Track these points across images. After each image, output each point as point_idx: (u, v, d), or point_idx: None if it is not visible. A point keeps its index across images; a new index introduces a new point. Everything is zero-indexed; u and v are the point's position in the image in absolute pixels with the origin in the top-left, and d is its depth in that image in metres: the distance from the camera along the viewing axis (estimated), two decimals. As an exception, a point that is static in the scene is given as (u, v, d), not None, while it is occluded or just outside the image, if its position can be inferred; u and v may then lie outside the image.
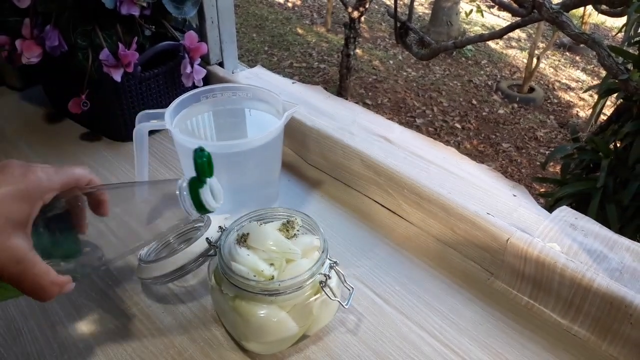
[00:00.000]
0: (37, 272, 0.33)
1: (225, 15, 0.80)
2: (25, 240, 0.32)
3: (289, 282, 0.41)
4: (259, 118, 0.61)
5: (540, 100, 3.83)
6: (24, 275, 0.32)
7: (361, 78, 3.99)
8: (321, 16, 5.14)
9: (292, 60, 4.25)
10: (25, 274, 0.32)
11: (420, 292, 0.52)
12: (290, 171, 0.71)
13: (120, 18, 0.67)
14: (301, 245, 0.44)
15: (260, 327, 0.42)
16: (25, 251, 0.32)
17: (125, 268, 0.54)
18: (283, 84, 0.82)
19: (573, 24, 1.22)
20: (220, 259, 0.43)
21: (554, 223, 0.54)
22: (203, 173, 0.36)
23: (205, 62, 0.80)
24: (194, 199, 0.37)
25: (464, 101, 3.79)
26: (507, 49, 4.80)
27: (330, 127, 0.68)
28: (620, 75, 1.19)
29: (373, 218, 0.62)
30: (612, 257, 0.50)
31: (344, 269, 0.47)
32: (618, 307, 0.44)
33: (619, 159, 1.45)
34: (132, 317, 0.49)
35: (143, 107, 0.73)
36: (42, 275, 0.33)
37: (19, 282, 0.32)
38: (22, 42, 0.65)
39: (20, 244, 0.32)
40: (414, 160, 0.64)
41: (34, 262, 0.32)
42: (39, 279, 0.33)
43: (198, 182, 0.37)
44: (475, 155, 3.18)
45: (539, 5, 1.25)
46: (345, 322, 0.49)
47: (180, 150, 0.55)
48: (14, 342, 0.46)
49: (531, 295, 0.51)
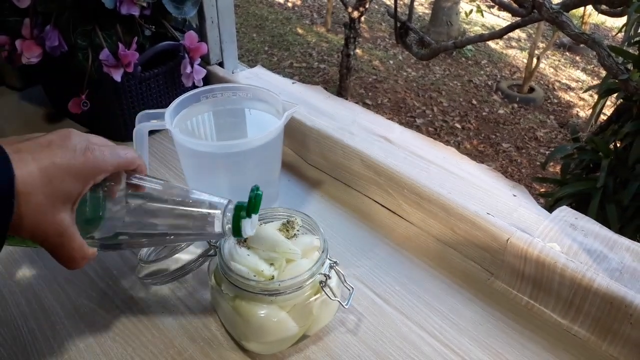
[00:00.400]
0: (73, 246, 0.34)
1: (225, 15, 0.80)
2: (70, 215, 0.34)
3: (289, 282, 0.41)
4: (259, 118, 0.61)
5: (540, 100, 3.83)
6: (61, 248, 0.34)
7: (361, 78, 3.99)
8: (321, 16, 5.14)
9: (292, 60, 4.26)
10: (63, 246, 0.34)
11: (420, 292, 0.52)
12: (290, 171, 0.71)
13: (120, 18, 0.67)
14: (301, 245, 0.44)
15: (260, 327, 0.42)
16: (68, 225, 0.33)
17: (125, 268, 0.54)
18: (283, 84, 0.82)
19: (573, 24, 1.22)
20: (220, 259, 0.43)
21: (554, 223, 0.54)
22: (253, 209, 0.40)
23: (205, 62, 0.80)
24: (235, 224, 0.40)
25: (464, 101, 3.79)
26: (507, 49, 4.80)
27: (330, 127, 0.68)
28: (620, 75, 1.19)
29: (373, 218, 0.62)
30: (612, 257, 0.50)
31: (344, 269, 0.47)
32: (618, 307, 0.44)
33: (619, 159, 1.45)
34: (132, 317, 0.49)
35: (143, 107, 0.73)
36: (77, 249, 0.35)
37: (55, 252, 0.34)
38: (22, 42, 0.65)
39: (66, 219, 0.33)
40: (414, 160, 0.64)
41: (73, 237, 0.34)
42: (74, 253, 0.35)
43: (244, 213, 0.40)
44: (475, 155, 3.18)
45: (539, 5, 1.25)
46: (345, 322, 0.49)
47: (180, 150, 0.55)
48: (14, 342, 0.46)
49: (531, 295, 0.51)
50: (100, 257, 0.55)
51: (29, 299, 0.50)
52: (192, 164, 0.56)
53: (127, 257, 0.55)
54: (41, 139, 0.33)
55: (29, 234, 0.32)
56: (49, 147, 0.33)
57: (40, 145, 0.33)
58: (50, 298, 0.50)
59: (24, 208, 0.31)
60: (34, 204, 0.31)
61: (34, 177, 0.31)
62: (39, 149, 0.32)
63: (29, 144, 0.32)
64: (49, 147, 0.33)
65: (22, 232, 0.32)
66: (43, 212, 0.32)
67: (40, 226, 0.32)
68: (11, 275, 0.53)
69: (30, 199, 0.31)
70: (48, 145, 0.33)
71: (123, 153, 0.37)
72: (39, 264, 0.54)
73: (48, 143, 0.33)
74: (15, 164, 0.30)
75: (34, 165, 0.31)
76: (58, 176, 0.32)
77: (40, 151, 0.32)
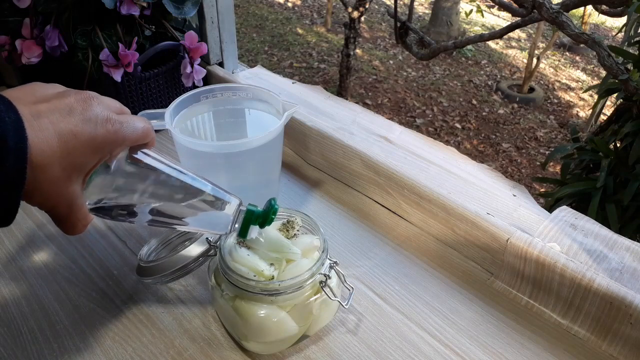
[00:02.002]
0: (79, 216, 0.34)
1: (225, 15, 0.80)
2: (81, 186, 0.33)
3: (289, 282, 0.41)
4: (259, 118, 0.61)
5: (540, 100, 3.83)
6: (67, 217, 0.34)
7: (361, 78, 3.99)
8: (321, 16, 5.14)
9: (292, 60, 4.26)
10: (69, 216, 0.34)
11: (420, 292, 0.52)
12: (290, 171, 0.71)
13: (120, 18, 0.67)
14: (301, 245, 0.44)
15: (260, 327, 0.42)
16: (78, 196, 0.33)
17: (125, 268, 0.54)
18: (283, 84, 0.82)
19: (573, 24, 1.22)
20: (220, 259, 0.43)
21: (554, 223, 0.54)
22: (267, 220, 0.41)
23: (205, 62, 0.80)
24: (243, 226, 0.41)
25: (464, 101, 3.79)
26: (507, 49, 4.80)
27: (330, 127, 0.68)
28: (620, 75, 1.19)
29: (373, 218, 0.62)
30: (612, 257, 0.50)
31: (344, 269, 0.47)
32: (618, 307, 0.44)
33: (619, 159, 1.45)
34: (132, 317, 0.49)
35: (143, 107, 0.74)
36: (81, 219, 0.34)
37: (60, 221, 0.34)
38: (22, 42, 0.65)
39: (77, 190, 0.33)
40: (414, 160, 0.64)
41: (81, 207, 0.34)
42: (77, 222, 0.34)
43: (255, 220, 0.41)
44: (475, 155, 3.18)
45: (539, 5, 1.25)
46: (345, 322, 0.49)
47: (180, 150, 0.55)
48: (14, 342, 0.46)
49: (531, 295, 0.51)
50: (100, 257, 0.55)
51: (29, 299, 0.50)
52: (192, 164, 0.56)
53: (127, 257, 0.55)
54: (61, 102, 0.32)
55: (37, 203, 0.32)
56: (70, 115, 0.31)
57: (61, 111, 0.31)
58: (50, 298, 0.50)
59: (40, 179, 0.30)
60: (50, 176, 0.30)
61: (53, 149, 0.30)
62: (60, 116, 0.31)
63: (48, 107, 0.31)
64: (70, 114, 0.31)
65: (32, 201, 0.31)
66: (57, 184, 0.31)
67: (52, 197, 0.31)
68: (11, 275, 0.53)
69: (46, 171, 0.30)
70: (69, 112, 0.31)
71: (140, 126, 0.36)
72: (40, 264, 0.54)
73: (69, 109, 0.32)
74: (33, 132, 0.29)
75: (54, 135, 0.30)
76: (78, 148, 0.31)
77: (62, 119, 0.31)
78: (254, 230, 0.41)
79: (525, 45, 4.83)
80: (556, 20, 1.23)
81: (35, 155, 0.29)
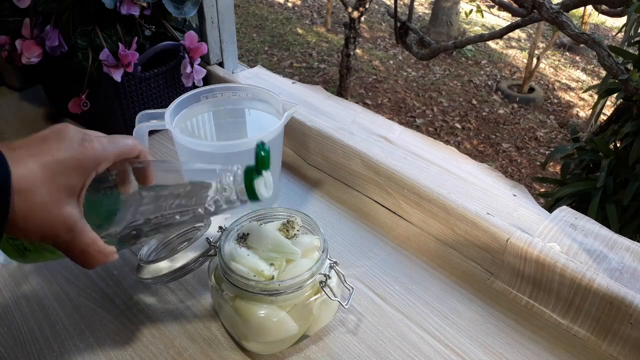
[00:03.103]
0: (85, 241, 0.33)
1: (225, 15, 0.80)
2: (77, 209, 0.33)
3: (289, 282, 0.41)
4: (259, 118, 0.61)
5: (540, 100, 3.83)
6: (73, 243, 0.33)
7: (361, 78, 3.99)
8: (321, 16, 5.14)
9: (292, 60, 4.26)
10: (75, 241, 0.33)
11: (420, 292, 0.52)
12: (290, 171, 0.71)
13: (120, 18, 0.67)
14: (301, 245, 0.44)
15: (260, 327, 0.42)
16: (76, 219, 0.32)
17: (125, 268, 0.54)
18: (283, 84, 0.82)
19: (573, 24, 1.22)
20: (220, 259, 0.43)
21: (554, 223, 0.54)
22: (263, 165, 0.38)
23: (205, 62, 0.80)
24: (248, 187, 0.38)
25: (464, 101, 3.79)
26: (507, 49, 4.80)
27: (330, 127, 0.68)
28: (620, 75, 1.19)
29: (373, 218, 0.62)
30: (612, 257, 0.50)
31: (344, 269, 0.47)
32: (618, 307, 0.44)
33: (619, 159, 1.45)
34: (132, 317, 0.49)
35: (143, 107, 0.74)
36: (90, 244, 0.34)
37: (68, 250, 0.33)
38: (22, 42, 0.65)
39: (72, 213, 0.32)
40: (414, 160, 0.64)
41: (83, 231, 0.33)
42: (87, 247, 0.33)
43: (255, 173, 0.38)
44: (475, 155, 3.18)
45: (539, 5, 1.25)
46: (345, 322, 0.49)
47: (180, 150, 0.55)
48: (14, 342, 0.46)
49: (531, 295, 0.51)
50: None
51: (29, 299, 0.50)
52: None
53: (127, 257, 0.55)
54: (34, 136, 0.32)
55: (38, 234, 0.31)
56: (44, 142, 0.32)
57: (36, 141, 0.32)
58: (50, 298, 0.50)
59: (27, 206, 0.30)
60: (37, 201, 0.30)
61: (35, 173, 0.30)
62: (35, 144, 0.32)
63: (24, 142, 0.32)
64: (45, 141, 0.32)
65: (31, 234, 0.31)
66: (48, 209, 0.31)
67: (48, 224, 0.31)
68: (11, 275, 0.53)
69: (31, 196, 0.30)
70: (44, 140, 0.32)
71: (122, 141, 0.36)
72: (40, 264, 0.54)
73: (43, 138, 0.32)
74: (11, 162, 0.29)
75: (32, 161, 0.31)
76: (60, 170, 0.31)
77: (36, 147, 0.32)
78: (261, 186, 0.39)
79: (525, 45, 4.83)
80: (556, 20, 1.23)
81: (17, 179, 0.29)
